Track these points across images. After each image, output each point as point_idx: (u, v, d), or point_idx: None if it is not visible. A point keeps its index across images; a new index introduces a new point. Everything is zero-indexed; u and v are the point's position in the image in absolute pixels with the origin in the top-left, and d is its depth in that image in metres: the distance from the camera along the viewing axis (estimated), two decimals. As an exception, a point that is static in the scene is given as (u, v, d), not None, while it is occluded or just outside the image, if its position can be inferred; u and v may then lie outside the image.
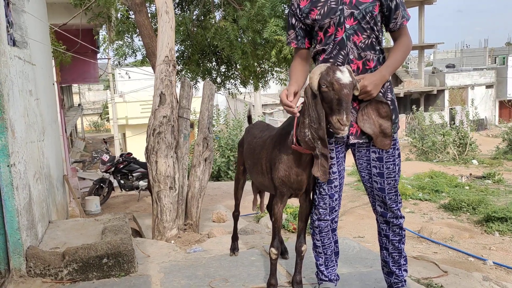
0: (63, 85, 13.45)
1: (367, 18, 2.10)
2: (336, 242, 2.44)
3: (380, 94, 2.16)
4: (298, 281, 2.49)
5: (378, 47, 2.17)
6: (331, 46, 2.16)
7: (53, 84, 5.53)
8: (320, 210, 2.32)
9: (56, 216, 4.14)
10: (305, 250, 2.47)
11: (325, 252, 2.40)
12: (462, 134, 16.51)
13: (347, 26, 2.11)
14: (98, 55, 11.88)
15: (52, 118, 4.74)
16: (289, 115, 2.24)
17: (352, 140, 2.21)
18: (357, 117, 2.16)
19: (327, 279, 2.43)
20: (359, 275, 2.81)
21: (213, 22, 5.78)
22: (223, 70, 7.33)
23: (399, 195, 2.29)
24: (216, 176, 11.92)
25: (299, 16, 2.23)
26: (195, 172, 4.16)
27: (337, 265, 2.48)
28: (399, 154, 2.24)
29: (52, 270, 2.73)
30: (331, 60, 2.16)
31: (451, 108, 27.08)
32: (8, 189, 2.57)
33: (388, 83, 2.20)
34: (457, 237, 6.48)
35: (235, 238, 3.29)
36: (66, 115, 15.11)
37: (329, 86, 1.99)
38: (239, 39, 5.79)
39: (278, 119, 24.83)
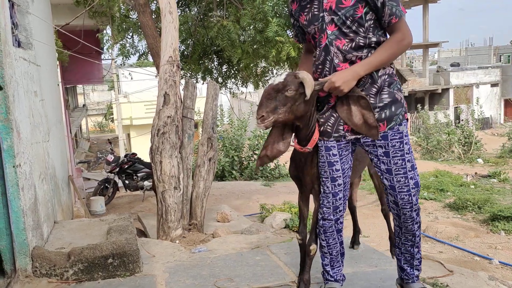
0: (67, 86, 13.52)
1: (348, 22, 2.07)
2: (341, 243, 2.41)
3: (374, 90, 2.13)
4: (305, 280, 2.48)
5: (367, 47, 2.11)
6: (318, 52, 2.19)
7: (58, 85, 5.56)
8: (324, 209, 2.31)
9: (61, 216, 4.16)
10: (313, 250, 2.44)
11: (331, 252, 2.39)
12: (467, 133, 16.45)
13: (329, 32, 2.11)
14: (102, 56, 11.91)
15: (57, 119, 4.76)
16: None
17: (349, 137, 2.20)
18: (336, 107, 2.17)
19: (333, 279, 2.42)
20: (363, 274, 2.80)
21: (215, 21, 5.78)
22: (224, 69, 7.34)
23: (415, 197, 2.16)
24: (220, 176, 11.94)
25: (295, 16, 2.29)
26: (199, 172, 4.17)
27: (343, 265, 2.47)
28: (409, 150, 2.15)
29: (57, 270, 2.74)
30: (320, 67, 2.19)
31: (456, 107, 27.01)
32: (14, 190, 2.58)
33: (386, 77, 2.14)
34: (462, 236, 6.45)
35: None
36: (71, 115, 15.18)
37: None
38: (241, 38, 5.79)
39: (282, 118, 24.76)
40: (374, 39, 2.10)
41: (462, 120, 19.87)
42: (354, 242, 3.26)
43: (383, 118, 2.13)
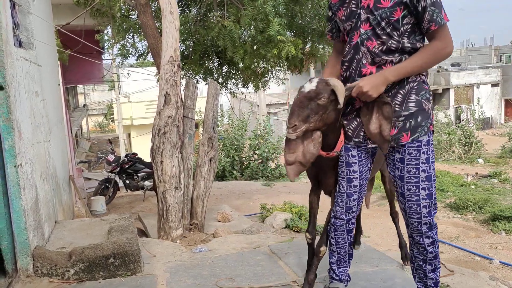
0: (68, 86, 13.53)
1: (383, 24, 2.00)
2: (350, 244, 2.38)
3: (400, 97, 2.06)
4: (310, 280, 2.47)
5: (399, 51, 2.03)
6: (347, 49, 2.14)
7: (59, 84, 5.56)
8: (337, 207, 2.28)
9: (62, 216, 4.16)
10: (323, 251, 2.43)
11: (339, 251, 2.37)
12: (468, 133, 16.44)
13: (362, 31, 2.05)
14: (103, 56, 11.92)
15: (58, 119, 4.77)
16: None
17: (371, 145, 2.16)
18: (361, 109, 2.12)
19: (337, 278, 2.41)
20: (364, 274, 2.81)
21: (216, 21, 5.79)
22: (225, 70, 7.34)
23: (428, 209, 2.08)
24: (221, 176, 11.95)
25: (333, 10, 2.21)
26: (200, 172, 4.17)
27: (349, 266, 2.45)
28: (427, 160, 2.05)
29: (59, 270, 2.74)
30: (347, 64, 2.14)
31: (457, 107, 26.99)
32: (15, 190, 2.59)
33: (416, 84, 2.06)
34: (463, 236, 6.46)
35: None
36: (72, 115, 15.19)
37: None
38: (242, 38, 5.80)
39: (283, 118, 24.82)
40: (408, 44, 2.02)
41: (462, 120, 19.86)
42: (355, 242, 3.25)
43: (407, 128, 2.05)
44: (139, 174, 8.35)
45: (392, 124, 2.06)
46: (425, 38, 2.06)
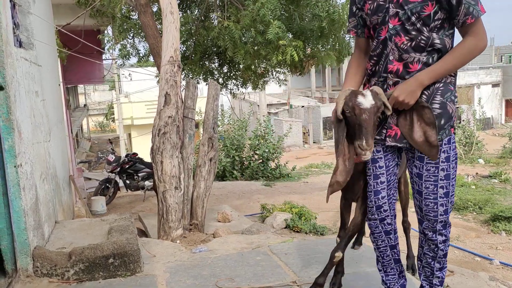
0: (68, 86, 13.54)
1: (413, 19, 1.93)
2: (393, 247, 2.26)
3: (424, 97, 2.00)
4: (319, 283, 2.45)
5: (429, 48, 1.96)
6: (375, 44, 2.09)
7: (59, 84, 5.57)
8: (368, 208, 2.22)
9: (62, 216, 4.16)
10: (338, 257, 2.40)
11: (382, 256, 2.27)
12: (468, 133, 16.46)
13: (390, 25, 1.99)
14: (103, 56, 11.93)
15: (58, 119, 4.77)
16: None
17: (389, 143, 2.09)
18: (398, 121, 2.05)
19: (386, 286, 2.34)
20: (364, 274, 2.81)
21: (216, 22, 5.81)
22: (225, 70, 7.35)
23: (445, 207, 2.07)
24: (221, 176, 11.95)
25: (358, 5, 2.15)
26: (200, 172, 4.17)
27: (400, 274, 2.31)
28: (447, 158, 2.02)
29: (58, 270, 2.74)
30: (375, 58, 2.09)
31: (457, 107, 27.00)
32: (15, 190, 2.59)
33: (442, 85, 2.01)
34: (463, 237, 6.46)
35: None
36: (72, 115, 15.20)
37: (351, 111, 2.01)
38: (242, 39, 5.80)
39: (283, 118, 24.83)
40: (437, 40, 1.96)
41: (463, 120, 19.88)
42: (356, 242, 3.25)
43: None
44: (139, 174, 8.36)
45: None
46: (453, 32, 2.00)
